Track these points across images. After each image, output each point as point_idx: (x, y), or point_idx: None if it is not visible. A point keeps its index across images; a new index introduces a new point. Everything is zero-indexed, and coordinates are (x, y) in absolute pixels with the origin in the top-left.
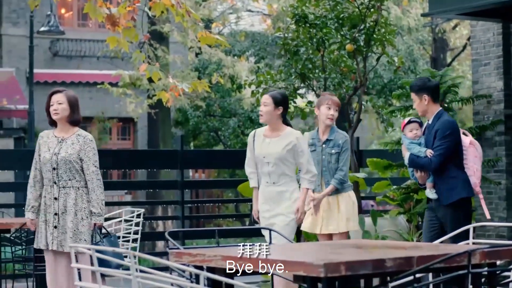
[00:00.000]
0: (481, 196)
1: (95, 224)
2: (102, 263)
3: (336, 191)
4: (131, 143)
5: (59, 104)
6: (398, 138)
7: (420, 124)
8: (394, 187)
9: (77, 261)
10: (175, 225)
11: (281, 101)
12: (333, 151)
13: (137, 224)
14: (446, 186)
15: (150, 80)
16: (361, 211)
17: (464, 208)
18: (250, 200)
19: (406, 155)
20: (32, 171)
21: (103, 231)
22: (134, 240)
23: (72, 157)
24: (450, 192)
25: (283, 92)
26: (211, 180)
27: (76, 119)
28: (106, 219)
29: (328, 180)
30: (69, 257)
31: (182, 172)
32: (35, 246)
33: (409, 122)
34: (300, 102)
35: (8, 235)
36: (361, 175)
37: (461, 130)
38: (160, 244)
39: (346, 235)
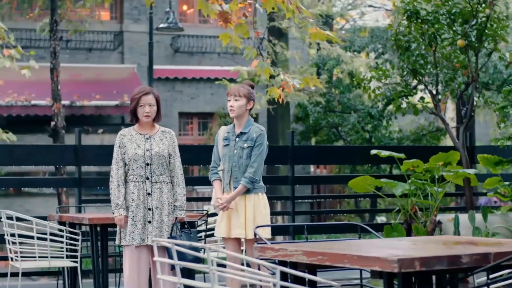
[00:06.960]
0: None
1: (176, 217)
2: (179, 257)
3: (247, 191)
4: None
5: (150, 106)
6: (510, 133)
7: None
8: (506, 183)
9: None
10: (289, 221)
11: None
12: (245, 145)
13: None
14: None
15: (271, 76)
16: (473, 207)
17: None
18: (362, 196)
19: None
20: (114, 169)
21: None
22: None
23: (165, 152)
24: None
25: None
26: (322, 176)
27: (160, 117)
28: (214, 214)
29: (237, 177)
30: (164, 251)
31: (293, 167)
32: (122, 243)
33: None
34: (415, 98)
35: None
36: (471, 171)
37: None
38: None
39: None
